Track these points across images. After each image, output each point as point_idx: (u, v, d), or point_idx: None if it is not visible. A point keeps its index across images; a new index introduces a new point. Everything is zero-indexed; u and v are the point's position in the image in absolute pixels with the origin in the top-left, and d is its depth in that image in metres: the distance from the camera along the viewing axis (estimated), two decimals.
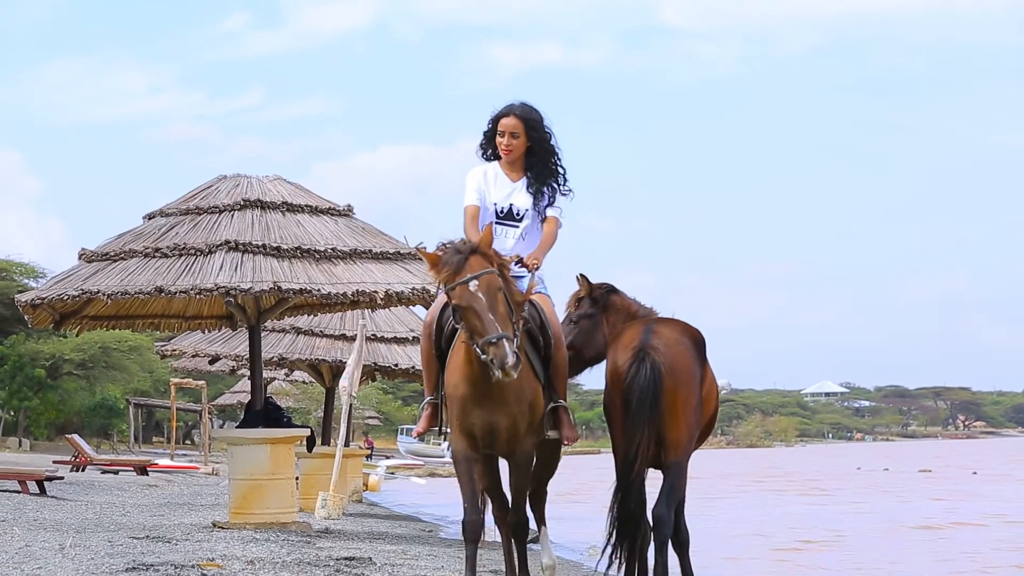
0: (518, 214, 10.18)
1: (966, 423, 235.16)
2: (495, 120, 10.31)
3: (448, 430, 9.96)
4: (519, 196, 10.21)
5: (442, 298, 9.81)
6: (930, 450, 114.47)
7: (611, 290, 11.65)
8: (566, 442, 10.11)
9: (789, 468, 68.01)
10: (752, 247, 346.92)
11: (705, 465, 61.58)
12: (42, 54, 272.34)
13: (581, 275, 11.73)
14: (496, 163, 10.36)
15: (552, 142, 10.33)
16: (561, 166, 10.37)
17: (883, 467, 66.53)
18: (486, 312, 8.99)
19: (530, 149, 10.27)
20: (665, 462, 10.73)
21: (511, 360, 8.85)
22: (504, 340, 8.91)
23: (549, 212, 10.25)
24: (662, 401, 10.50)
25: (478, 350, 9.03)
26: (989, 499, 35.51)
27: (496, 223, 10.08)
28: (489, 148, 10.40)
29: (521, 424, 9.56)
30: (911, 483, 46.66)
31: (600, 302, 11.59)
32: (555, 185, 10.29)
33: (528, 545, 10.61)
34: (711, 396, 11.07)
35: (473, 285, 9.05)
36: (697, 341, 10.89)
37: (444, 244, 9.41)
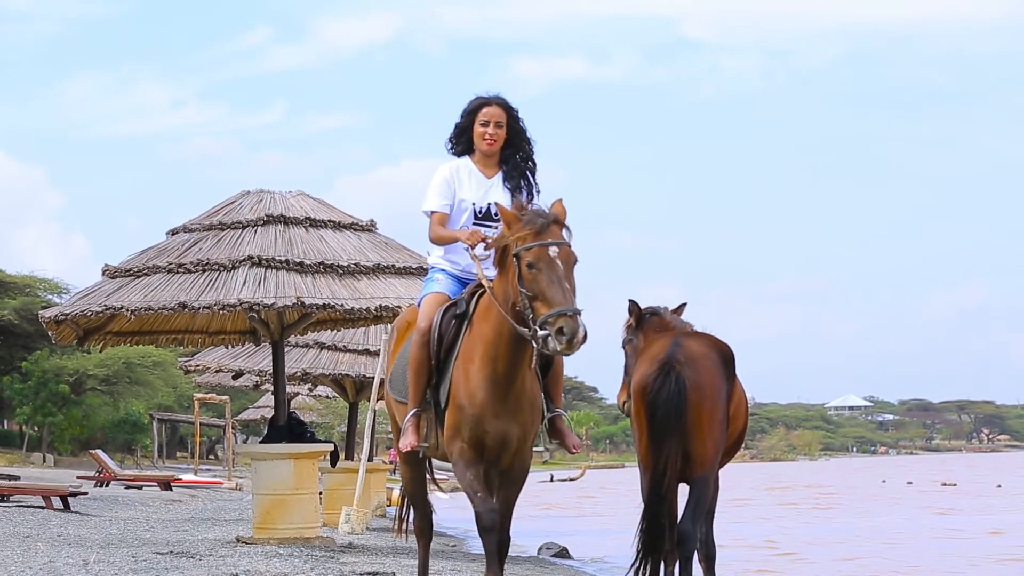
0: (497, 214, 9.48)
1: (990, 437, 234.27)
2: (474, 111, 9.84)
3: (429, 448, 9.60)
4: (497, 193, 9.74)
5: (434, 303, 9.52)
6: (954, 463, 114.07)
7: (652, 312, 11.65)
8: (574, 450, 9.79)
9: (827, 481, 67.81)
10: (775, 260, 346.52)
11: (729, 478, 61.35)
12: (65, 69, 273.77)
13: (631, 301, 11.74)
14: (466, 159, 9.90)
15: (528, 134, 9.94)
16: (533, 157, 9.96)
17: (907, 480, 66.30)
18: (563, 281, 8.61)
19: (507, 141, 9.84)
20: (691, 477, 10.72)
21: (582, 333, 8.42)
22: (579, 316, 8.46)
23: None
24: (687, 415, 10.49)
25: (535, 325, 8.52)
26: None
27: (475, 224, 9.67)
28: (461, 141, 9.92)
29: (530, 434, 9.29)
30: (936, 496, 46.47)
31: (640, 326, 11.61)
32: (532, 179, 9.86)
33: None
34: (739, 412, 11.04)
35: (553, 251, 8.68)
36: (726, 356, 10.87)
37: (520, 205, 9.08)
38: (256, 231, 16.70)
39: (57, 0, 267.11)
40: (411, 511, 10.97)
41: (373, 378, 22.11)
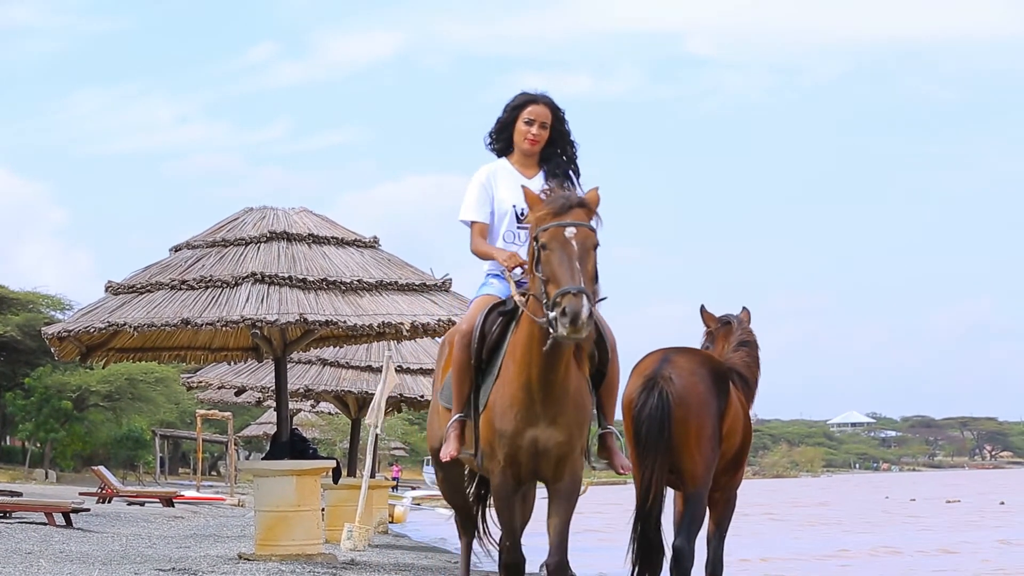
0: None
1: (993, 453, 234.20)
2: (519, 107, 9.46)
3: (471, 453, 9.04)
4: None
5: (482, 304, 9.14)
6: (957, 480, 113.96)
7: (726, 321, 11.68)
8: (622, 471, 9.30)
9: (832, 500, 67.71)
10: (778, 277, 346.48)
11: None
12: (69, 85, 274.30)
13: (703, 307, 11.78)
14: (504, 160, 9.55)
15: (573, 137, 9.56)
16: (577, 160, 9.57)
17: (910, 497, 66.16)
18: (573, 260, 8.13)
19: (549, 141, 9.47)
20: (684, 494, 10.70)
21: (585, 312, 7.94)
22: (584, 295, 7.97)
23: None
24: (672, 431, 10.46)
25: (546, 309, 8.12)
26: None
27: (519, 228, 9.29)
28: (502, 138, 9.57)
29: (577, 442, 8.69)
30: (940, 513, 46.39)
31: (715, 335, 11.64)
32: (574, 178, 9.44)
33: None
34: (735, 429, 10.97)
35: (570, 231, 8.24)
36: (718, 372, 10.82)
37: (548, 188, 8.67)
38: (259, 248, 16.70)
39: (61, 16, 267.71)
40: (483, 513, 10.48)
41: (375, 395, 22.09)
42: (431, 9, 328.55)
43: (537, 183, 9.21)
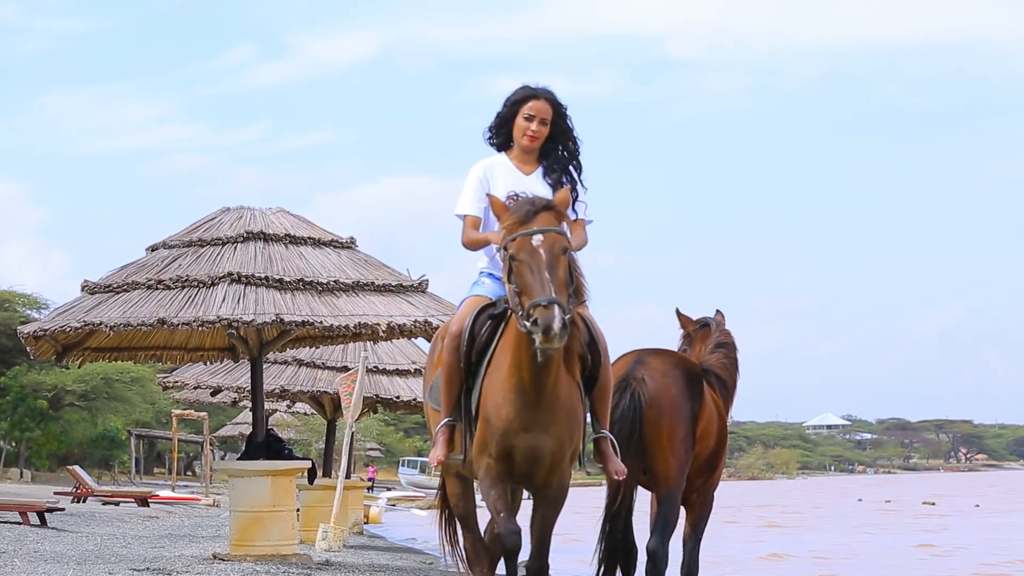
0: None
1: (968, 456, 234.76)
2: (520, 101, 9.25)
3: (460, 458, 8.87)
4: (536, 189, 9.00)
5: (472, 305, 8.96)
6: (932, 483, 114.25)
7: (704, 324, 11.71)
8: (616, 476, 9.10)
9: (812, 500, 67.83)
10: (755, 280, 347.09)
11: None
12: (47, 85, 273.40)
13: (678, 310, 11.81)
14: (502, 155, 9.36)
15: (575, 132, 9.37)
16: (579, 156, 9.40)
17: (885, 499, 66.29)
18: (543, 270, 8.02)
19: (549, 137, 9.28)
20: (657, 495, 10.73)
21: (558, 324, 7.83)
22: (556, 305, 7.87)
23: (577, 212, 9.21)
24: (645, 432, 10.48)
25: (523, 320, 8.02)
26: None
27: None
28: (501, 133, 9.37)
29: (567, 448, 8.54)
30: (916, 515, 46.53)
31: (692, 337, 11.67)
32: (576, 176, 9.31)
33: None
34: (710, 431, 11.00)
35: (537, 240, 8.12)
36: (691, 374, 10.84)
37: (514, 195, 8.56)
38: (236, 248, 16.69)
39: (40, 16, 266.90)
40: (457, 534, 10.12)
41: (353, 395, 22.09)
42: (409, 11, 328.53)
43: (536, 179, 9.19)
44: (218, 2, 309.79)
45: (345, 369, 25.26)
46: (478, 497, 9.35)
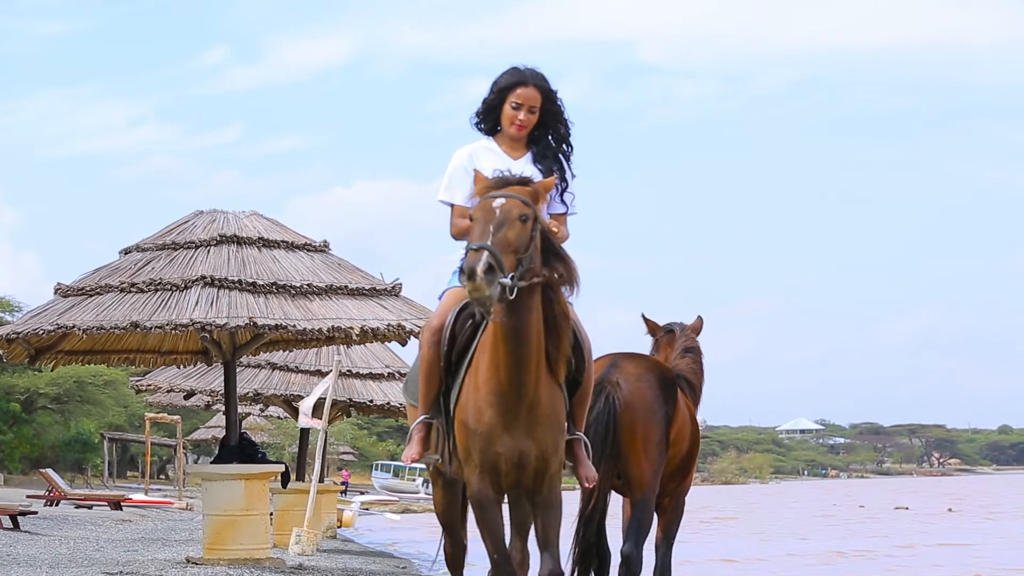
0: None
1: (941, 460, 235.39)
2: (507, 88, 8.90)
3: (437, 458, 8.61)
4: (525, 172, 8.45)
5: (454, 297, 8.62)
6: (905, 487, 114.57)
7: (669, 330, 11.75)
8: (586, 483, 8.76)
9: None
10: (728, 284, 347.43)
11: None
12: (21, 88, 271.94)
13: (643, 315, 11.84)
14: (490, 140, 9.04)
15: (566, 115, 9.02)
16: (570, 141, 9.05)
17: (858, 504, 66.41)
18: (489, 224, 7.69)
19: (539, 121, 8.93)
20: (631, 500, 10.75)
21: (482, 266, 7.44)
22: (485, 250, 7.51)
23: (559, 207, 8.89)
24: (619, 436, 10.50)
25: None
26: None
27: None
28: (488, 120, 9.02)
29: (551, 453, 8.17)
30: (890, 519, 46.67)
31: (659, 342, 11.71)
32: (566, 162, 8.97)
33: None
34: (683, 435, 11.03)
35: (498, 202, 7.81)
36: (665, 378, 10.87)
37: (500, 173, 8.15)
38: (209, 251, 16.68)
39: (14, 18, 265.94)
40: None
41: (325, 399, 22.09)
42: (384, 15, 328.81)
43: (525, 163, 8.85)
44: (192, 5, 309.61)
45: (319, 373, 25.27)
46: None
